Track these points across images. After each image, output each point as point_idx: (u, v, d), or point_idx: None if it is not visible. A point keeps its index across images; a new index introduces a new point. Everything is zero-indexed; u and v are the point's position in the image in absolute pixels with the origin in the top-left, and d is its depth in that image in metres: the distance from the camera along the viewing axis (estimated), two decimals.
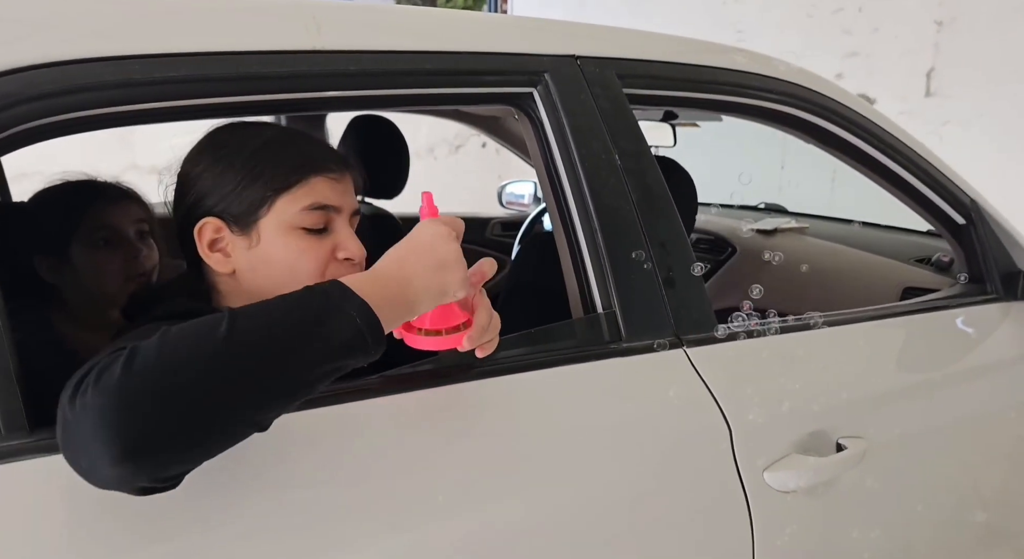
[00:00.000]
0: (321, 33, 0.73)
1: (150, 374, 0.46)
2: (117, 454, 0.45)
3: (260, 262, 0.72)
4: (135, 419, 0.45)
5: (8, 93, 0.56)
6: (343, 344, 0.54)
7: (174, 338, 0.49)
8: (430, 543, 0.66)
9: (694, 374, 0.87)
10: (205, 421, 0.48)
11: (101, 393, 0.45)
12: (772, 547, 0.88)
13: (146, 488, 0.49)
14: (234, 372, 0.49)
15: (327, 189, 0.73)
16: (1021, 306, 1.33)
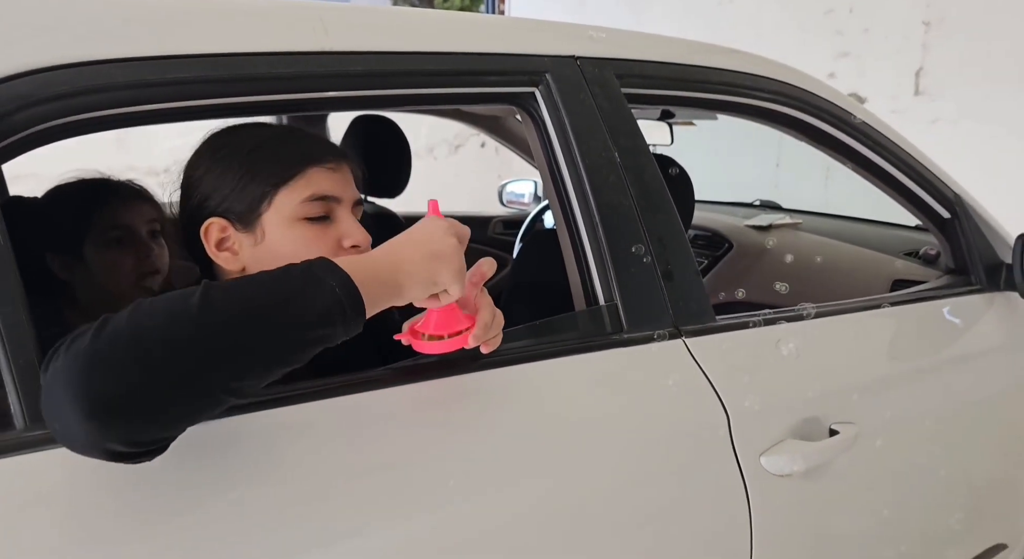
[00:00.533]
0: (328, 34, 0.74)
1: (118, 338, 0.47)
2: (86, 410, 0.45)
3: (267, 257, 0.72)
4: (101, 378, 0.46)
5: (24, 94, 0.57)
6: (320, 313, 0.54)
7: (147, 307, 0.50)
8: (441, 528, 0.67)
9: (693, 363, 0.89)
10: (173, 384, 0.48)
11: (71, 357, 0.46)
12: (769, 529, 0.90)
13: (122, 453, 0.48)
14: (204, 337, 0.49)
15: (325, 179, 0.74)
16: (1003, 296, 1.35)
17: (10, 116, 0.56)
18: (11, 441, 0.53)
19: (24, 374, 0.53)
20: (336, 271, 0.55)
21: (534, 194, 2.29)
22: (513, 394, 0.76)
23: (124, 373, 0.46)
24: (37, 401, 0.53)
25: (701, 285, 0.94)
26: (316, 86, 0.74)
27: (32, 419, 0.53)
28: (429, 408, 0.71)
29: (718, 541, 0.87)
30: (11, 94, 0.56)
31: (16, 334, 0.53)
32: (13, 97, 0.56)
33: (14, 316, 0.54)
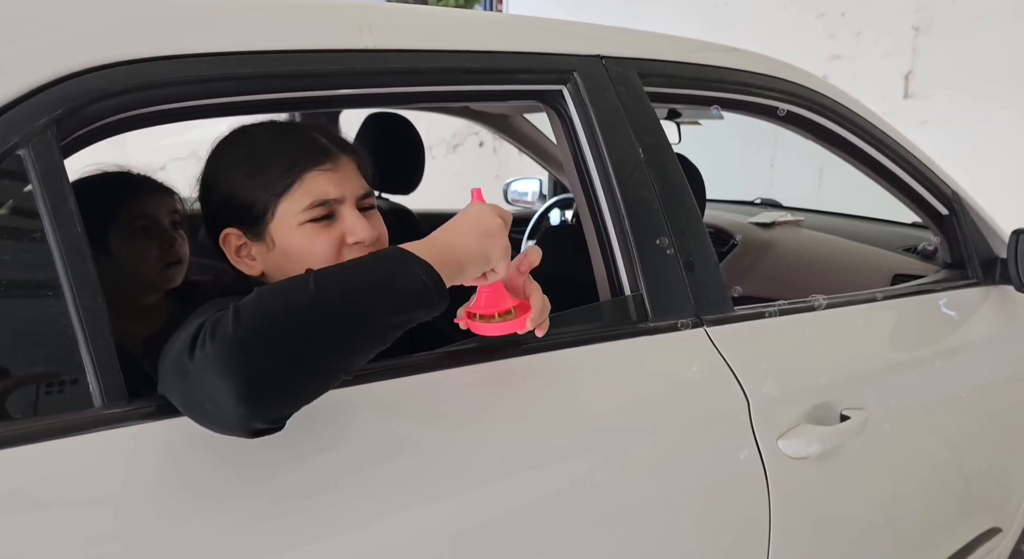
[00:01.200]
0: (372, 33, 0.76)
1: (257, 325, 0.51)
2: (241, 394, 0.49)
3: (282, 260, 0.74)
4: (252, 362, 0.50)
5: (95, 89, 0.59)
6: (413, 297, 0.58)
7: (269, 295, 0.54)
8: (490, 500, 0.69)
9: (714, 351, 0.92)
10: (309, 366, 0.53)
11: (219, 344, 0.49)
12: (786, 509, 0.93)
13: (260, 430, 0.53)
14: (327, 320, 0.54)
15: (323, 182, 0.74)
16: (998, 289, 1.39)
17: (82, 109, 0.58)
18: (91, 419, 0.55)
19: (102, 355, 0.55)
20: (417, 260, 0.59)
21: (539, 192, 2.31)
22: (552, 379, 0.79)
23: (270, 359, 0.51)
24: (114, 380, 0.55)
25: (720, 276, 0.97)
26: (359, 83, 0.76)
27: (110, 398, 0.55)
28: (476, 389, 0.73)
29: (739, 520, 0.90)
30: (83, 88, 0.58)
31: (94, 317, 0.55)
32: (85, 91, 0.58)
33: (93, 300, 0.55)
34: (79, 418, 0.54)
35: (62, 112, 0.56)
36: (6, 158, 0.54)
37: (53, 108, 0.56)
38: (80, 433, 0.54)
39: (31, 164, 0.55)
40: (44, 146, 0.55)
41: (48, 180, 0.55)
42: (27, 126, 0.55)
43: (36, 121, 0.55)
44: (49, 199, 0.55)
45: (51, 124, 0.56)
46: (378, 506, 0.63)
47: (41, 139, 0.55)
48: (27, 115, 0.55)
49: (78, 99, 0.57)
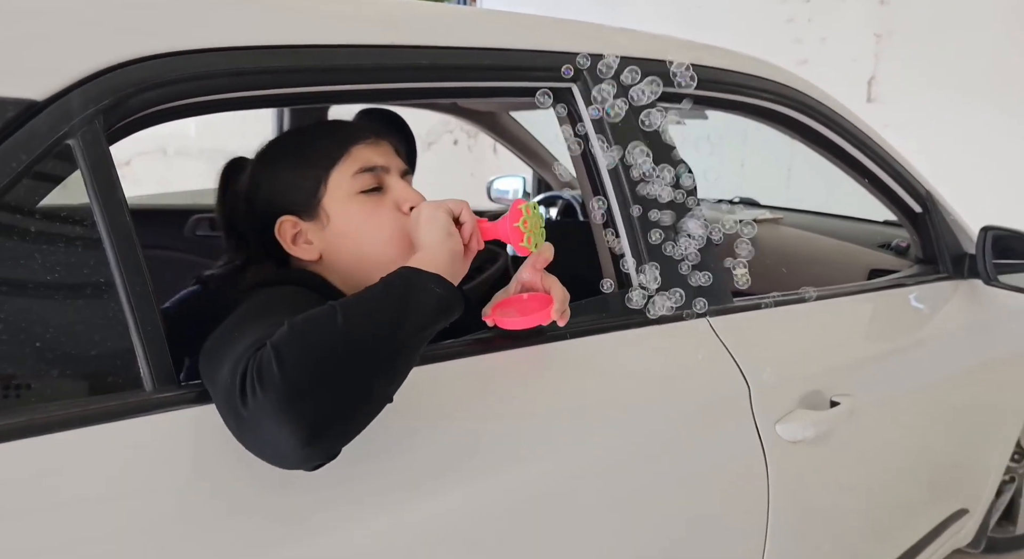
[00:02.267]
0: (397, 30, 0.78)
1: (303, 368, 0.51)
2: (303, 439, 0.49)
3: (337, 238, 0.77)
4: (308, 408, 0.50)
5: (139, 80, 0.60)
6: (434, 309, 0.60)
7: (302, 332, 0.53)
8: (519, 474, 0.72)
9: (716, 340, 0.96)
10: (357, 399, 0.54)
11: (271, 392, 0.49)
12: (784, 491, 0.98)
13: (320, 463, 0.54)
14: (364, 354, 0.54)
15: (369, 152, 0.78)
16: (967, 283, 1.47)
17: (127, 100, 0.58)
18: (143, 402, 0.55)
19: (151, 340, 0.56)
20: (426, 274, 0.61)
21: (522, 190, 2.33)
22: (569, 366, 0.82)
23: (323, 402, 0.51)
24: (163, 364, 0.56)
25: (721, 268, 1.01)
26: (386, 78, 0.77)
27: (160, 381, 0.56)
28: (501, 375, 0.76)
29: (742, 500, 0.95)
30: (128, 79, 0.58)
31: (144, 304, 0.56)
32: (130, 82, 0.58)
33: (142, 287, 0.56)
34: (131, 401, 0.55)
35: (109, 102, 0.57)
36: (56, 147, 0.54)
37: (100, 98, 0.56)
38: (132, 416, 0.54)
39: (80, 153, 0.55)
40: (92, 136, 0.56)
41: (97, 169, 0.56)
42: (76, 116, 0.55)
43: (84, 111, 0.56)
44: (98, 188, 0.56)
45: (98, 114, 0.56)
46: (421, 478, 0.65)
47: (90, 129, 0.56)
48: (76, 106, 0.55)
49: (124, 89, 0.58)
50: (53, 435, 0.51)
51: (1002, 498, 1.82)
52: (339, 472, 0.60)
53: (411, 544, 0.64)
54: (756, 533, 0.97)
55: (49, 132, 0.54)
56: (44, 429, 0.51)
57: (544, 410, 0.78)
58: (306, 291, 0.71)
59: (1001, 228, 1.43)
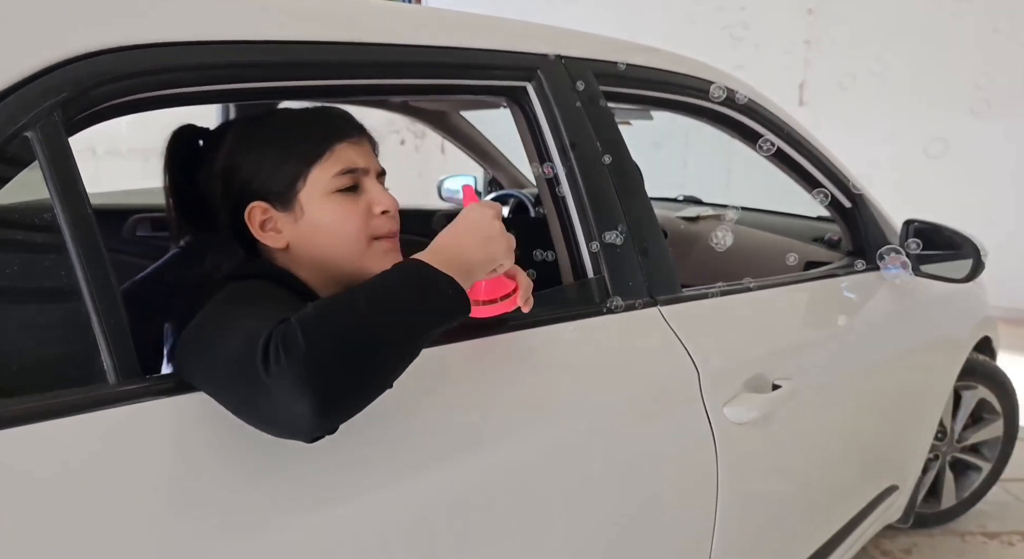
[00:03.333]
0: (356, 27, 0.79)
1: (327, 343, 0.54)
2: (318, 408, 0.52)
3: (308, 231, 0.77)
4: (328, 380, 0.53)
5: (99, 72, 0.59)
6: (443, 310, 0.63)
7: (327, 312, 0.56)
8: (472, 464, 0.74)
9: (667, 327, 1.00)
10: (372, 378, 0.56)
11: (295, 361, 0.51)
12: (732, 470, 1.03)
13: (319, 437, 0.56)
14: (381, 339, 0.57)
15: (351, 153, 0.79)
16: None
17: (87, 92, 0.58)
18: (107, 395, 0.55)
19: (115, 333, 0.55)
20: (442, 275, 0.63)
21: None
22: (529, 353, 0.84)
23: (341, 376, 0.54)
24: (128, 355, 0.56)
25: (670, 260, 1.06)
26: (346, 74, 0.78)
27: (124, 374, 0.56)
28: (466, 363, 0.78)
29: (694, 479, 0.99)
30: (88, 72, 0.58)
31: (106, 296, 0.55)
32: (90, 74, 0.58)
33: (104, 279, 0.55)
34: (95, 394, 0.54)
35: (68, 95, 0.56)
36: (14, 139, 0.53)
37: (59, 90, 0.56)
38: (96, 409, 0.54)
39: (39, 145, 0.54)
40: (51, 128, 0.55)
41: (56, 161, 0.55)
42: (34, 108, 0.54)
43: (43, 103, 0.55)
44: (58, 180, 0.55)
45: (57, 107, 0.56)
46: (388, 468, 0.66)
47: (48, 121, 0.55)
48: (34, 97, 0.54)
49: (84, 82, 0.57)
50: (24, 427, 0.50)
51: (928, 475, 1.95)
52: (309, 453, 0.61)
53: (373, 529, 0.65)
54: (707, 511, 1.02)
55: (7, 123, 0.53)
56: (11, 422, 0.50)
57: (503, 396, 0.80)
58: (275, 286, 0.72)
59: (922, 221, 1.54)
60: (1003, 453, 2.04)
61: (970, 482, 2.03)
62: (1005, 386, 2.00)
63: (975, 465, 2.03)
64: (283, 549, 0.59)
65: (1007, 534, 2.00)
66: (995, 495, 2.15)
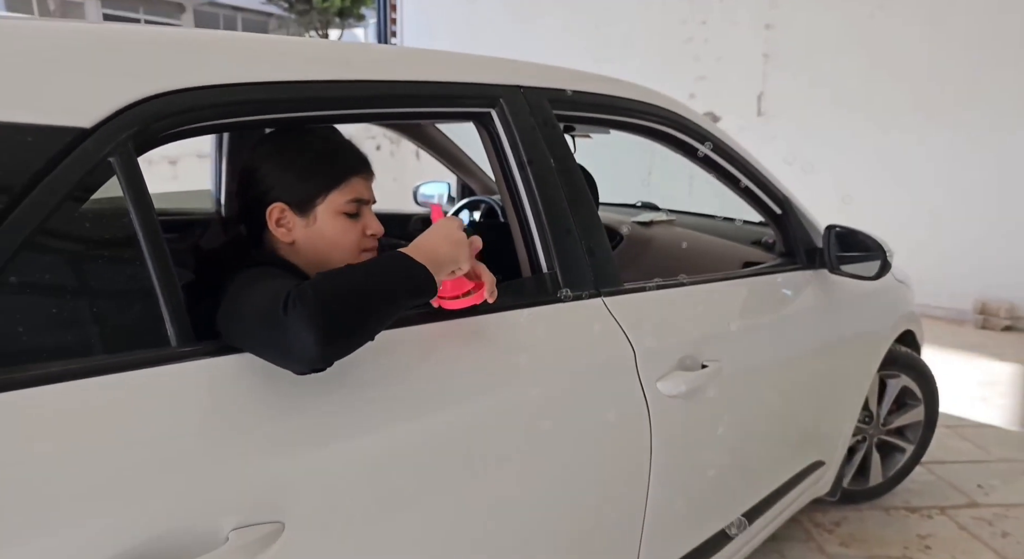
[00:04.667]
0: (351, 67, 1.00)
1: (331, 296, 0.74)
2: (320, 340, 0.71)
3: (314, 236, 1.01)
4: (330, 321, 0.72)
5: (158, 111, 0.79)
6: (417, 287, 0.85)
7: (331, 277, 0.77)
8: (454, 420, 0.95)
9: (609, 315, 1.22)
10: (360, 325, 0.77)
11: (307, 306, 0.71)
12: (664, 438, 1.25)
13: (316, 369, 0.76)
14: (372, 298, 0.78)
15: (363, 186, 1.05)
16: (818, 273, 1.81)
17: (150, 126, 0.77)
18: (169, 354, 0.75)
19: (174, 308, 0.75)
20: (418, 264, 0.85)
21: (447, 195, 2.55)
22: (492, 335, 1.05)
23: (339, 320, 0.74)
24: (185, 325, 0.75)
25: (612, 259, 1.28)
26: (344, 105, 0.98)
27: (181, 339, 0.76)
28: (443, 340, 0.99)
29: (630, 445, 1.21)
30: (151, 111, 0.77)
31: (168, 281, 0.75)
32: (153, 113, 0.77)
33: (167, 269, 0.75)
34: (160, 354, 0.74)
35: (138, 128, 0.76)
36: (101, 164, 0.73)
37: (132, 125, 0.75)
38: (161, 365, 0.74)
39: (118, 167, 0.74)
40: (127, 154, 0.75)
41: (131, 179, 0.75)
42: (115, 139, 0.74)
43: (120, 135, 0.74)
44: (132, 193, 0.74)
45: (130, 138, 0.75)
46: (379, 416, 0.87)
47: (125, 149, 0.74)
48: (114, 131, 0.74)
49: (148, 118, 0.77)
50: (102, 377, 0.70)
51: (856, 455, 2.21)
52: (319, 402, 0.81)
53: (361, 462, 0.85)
54: (642, 472, 1.24)
55: (96, 151, 0.72)
56: (92, 372, 0.70)
57: (468, 366, 1.01)
58: (281, 271, 0.94)
59: (841, 226, 1.78)
60: (924, 436, 2.31)
61: (895, 462, 2.29)
62: (925, 375, 2.27)
63: (900, 447, 2.29)
64: (295, 474, 0.79)
65: (927, 508, 2.26)
66: (919, 474, 2.42)
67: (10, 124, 0.69)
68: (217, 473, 0.74)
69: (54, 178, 0.70)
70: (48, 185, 0.69)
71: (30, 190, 0.68)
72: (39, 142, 0.70)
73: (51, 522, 0.63)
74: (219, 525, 0.73)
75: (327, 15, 19.61)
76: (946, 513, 2.23)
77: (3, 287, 0.66)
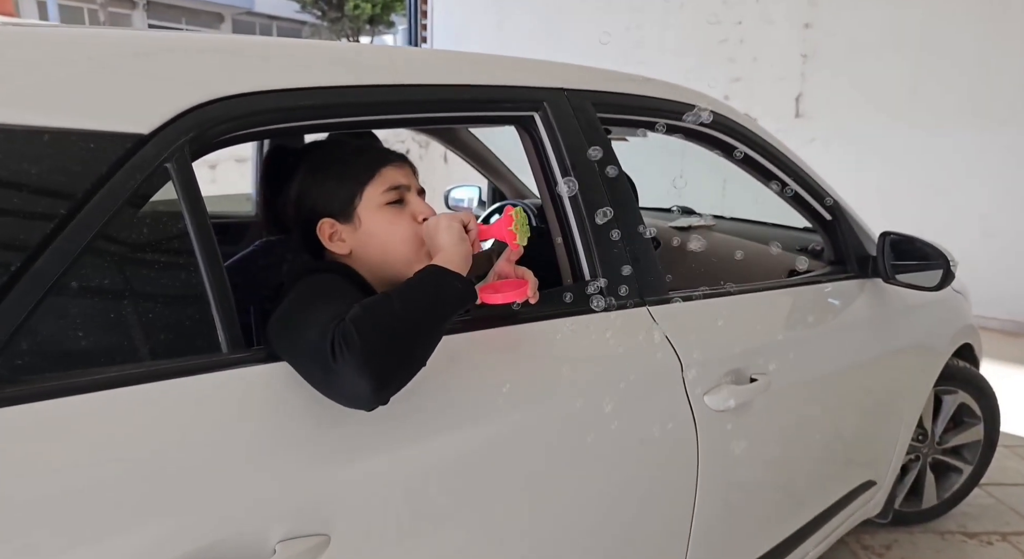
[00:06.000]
0: (397, 72, 1.02)
1: (376, 338, 0.75)
2: (375, 388, 0.74)
3: (366, 238, 1.04)
4: (381, 367, 0.74)
5: (214, 117, 0.82)
6: (457, 299, 0.87)
7: (372, 311, 0.77)
8: (501, 425, 0.96)
9: (655, 325, 1.23)
10: (411, 361, 0.79)
11: (355, 354, 0.72)
12: (711, 453, 1.25)
13: (376, 407, 0.78)
14: (416, 329, 0.80)
15: (395, 173, 1.06)
16: (870, 282, 1.81)
17: (205, 132, 0.81)
18: (221, 361, 0.77)
19: (226, 313, 0.78)
20: (451, 274, 0.87)
21: (478, 199, 2.58)
22: (534, 344, 1.07)
23: (390, 363, 0.76)
24: (236, 331, 0.78)
25: (658, 266, 1.29)
26: (391, 110, 1.01)
27: (233, 345, 0.78)
28: (484, 349, 1.00)
29: (676, 459, 1.22)
30: (207, 117, 0.81)
31: (221, 286, 0.78)
32: (209, 119, 0.81)
33: (220, 274, 0.78)
34: (211, 360, 0.77)
35: (194, 134, 0.79)
36: (158, 170, 0.76)
37: (188, 131, 0.79)
38: (211, 372, 0.77)
39: (175, 173, 0.77)
40: (183, 159, 0.78)
41: (186, 184, 0.78)
42: (172, 145, 0.77)
43: (177, 141, 0.78)
44: (187, 199, 0.78)
45: (186, 143, 0.78)
46: (422, 428, 0.89)
47: (181, 155, 0.78)
48: (171, 137, 0.77)
49: (204, 124, 0.80)
50: (154, 384, 0.73)
51: (909, 475, 2.18)
52: (363, 412, 0.83)
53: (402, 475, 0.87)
54: (687, 488, 1.24)
55: (154, 157, 0.76)
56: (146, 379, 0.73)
57: (508, 378, 1.02)
58: (341, 279, 0.96)
59: (897, 233, 1.78)
60: (983, 457, 2.27)
61: (951, 483, 2.26)
62: (985, 391, 2.24)
63: (956, 467, 2.26)
64: (341, 485, 0.81)
65: (986, 534, 2.22)
66: (978, 497, 2.38)
67: (72, 130, 0.72)
68: (265, 483, 0.76)
69: (113, 184, 0.73)
70: (108, 191, 0.73)
71: (91, 196, 0.72)
72: (99, 148, 0.73)
73: (97, 532, 0.66)
74: (267, 536, 0.76)
75: (358, 22, 20.22)
76: (1008, 540, 2.19)
77: (65, 291, 0.70)
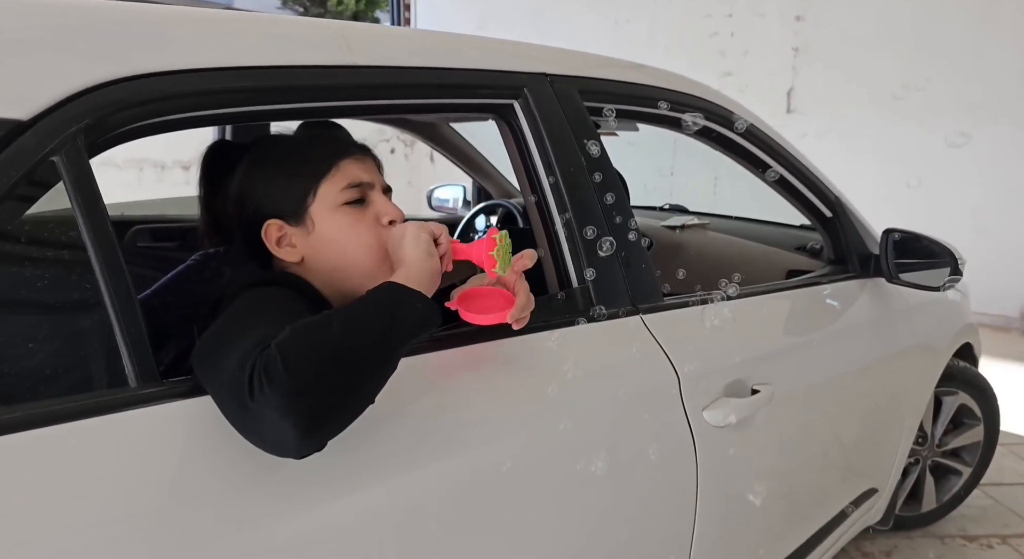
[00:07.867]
0: (352, 51, 0.86)
1: (306, 370, 0.57)
2: (302, 431, 0.56)
3: (320, 243, 0.85)
4: (310, 406, 0.57)
5: (117, 100, 0.66)
6: (416, 322, 0.69)
7: (304, 336, 0.60)
8: (478, 452, 0.81)
9: (649, 335, 1.07)
10: (351, 398, 0.62)
11: (277, 390, 0.56)
12: (711, 472, 1.10)
13: (307, 453, 0.60)
14: (359, 360, 0.61)
15: (356, 168, 0.87)
16: (873, 282, 1.65)
17: (106, 119, 0.64)
18: (128, 398, 0.61)
19: (135, 340, 0.62)
20: (410, 292, 0.69)
21: (462, 199, 2.42)
22: (520, 359, 0.91)
23: (323, 401, 0.58)
24: (148, 361, 0.62)
25: (651, 270, 1.13)
26: (341, 96, 0.85)
27: (143, 378, 0.62)
28: (463, 369, 0.85)
29: (674, 479, 1.06)
30: (108, 99, 0.64)
31: (127, 305, 0.62)
32: (109, 102, 0.64)
33: (125, 290, 0.62)
34: (116, 397, 0.61)
35: (89, 121, 0.63)
36: (42, 163, 0.60)
37: (81, 117, 0.62)
38: (119, 411, 0.60)
39: (64, 169, 0.61)
40: (75, 153, 0.61)
41: (80, 183, 0.61)
42: (60, 135, 0.61)
43: (67, 130, 0.61)
44: (81, 200, 0.61)
45: (79, 132, 0.62)
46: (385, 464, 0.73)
47: (72, 146, 0.61)
48: (59, 124, 0.61)
49: (103, 109, 0.64)
50: (48, 428, 0.56)
51: (908, 479, 2.04)
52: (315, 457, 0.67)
53: (365, 525, 0.71)
54: (686, 512, 1.09)
55: (35, 149, 0.59)
56: (38, 423, 0.56)
57: (491, 399, 0.87)
58: (291, 292, 0.78)
59: (901, 230, 1.62)
60: (983, 458, 2.13)
61: (950, 486, 2.12)
62: (985, 392, 2.09)
63: (955, 469, 2.11)
64: (277, 544, 0.65)
65: (986, 537, 2.08)
66: (976, 499, 2.24)
67: None
68: (193, 540, 0.60)
69: None
70: None
71: None
72: None
73: None
74: None
75: (341, 19, 19.93)
76: (1008, 542, 2.05)
77: None
